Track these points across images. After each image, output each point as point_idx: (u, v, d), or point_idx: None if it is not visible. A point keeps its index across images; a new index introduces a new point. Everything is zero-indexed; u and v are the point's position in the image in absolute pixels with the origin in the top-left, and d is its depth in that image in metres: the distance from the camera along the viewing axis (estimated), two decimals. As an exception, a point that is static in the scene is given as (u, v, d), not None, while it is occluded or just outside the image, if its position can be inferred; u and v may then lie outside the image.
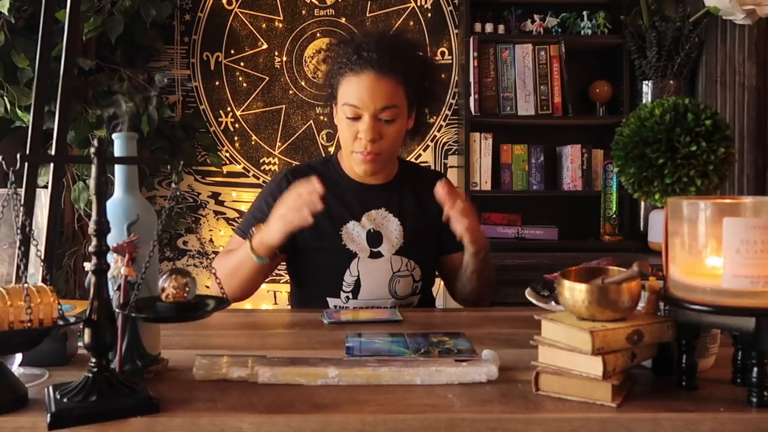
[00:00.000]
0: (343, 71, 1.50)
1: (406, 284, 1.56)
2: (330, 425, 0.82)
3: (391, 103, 1.48)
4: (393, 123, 1.50)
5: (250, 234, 1.45)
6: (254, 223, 1.56)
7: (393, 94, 1.48)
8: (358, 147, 1.50)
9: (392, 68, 1.47)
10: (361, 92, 1.47)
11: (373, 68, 1.46)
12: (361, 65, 1.47)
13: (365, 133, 1.47)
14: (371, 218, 1.58)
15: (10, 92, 2.38)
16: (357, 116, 1.48)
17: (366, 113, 1.47)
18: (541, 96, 2.89)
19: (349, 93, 1.48)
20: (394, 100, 1.48)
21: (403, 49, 1.52)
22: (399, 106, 1.50)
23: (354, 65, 1.48)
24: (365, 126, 1.47)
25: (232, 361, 1.00)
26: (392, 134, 1.51)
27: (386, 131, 1.49)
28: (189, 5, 2.99)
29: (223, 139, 3.02)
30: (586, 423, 0.82)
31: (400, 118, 1.51)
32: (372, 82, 1.47)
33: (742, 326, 0.83)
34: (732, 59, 2.65)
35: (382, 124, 1.49)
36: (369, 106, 1.47)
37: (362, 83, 1.47)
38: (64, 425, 0.79)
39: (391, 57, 1.47)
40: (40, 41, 1.51)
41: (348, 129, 1.50)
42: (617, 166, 1.18)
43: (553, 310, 1.21)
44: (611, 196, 2.88)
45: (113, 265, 0.91)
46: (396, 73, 1.47)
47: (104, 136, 2.27)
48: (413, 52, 1.57)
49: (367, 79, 1.47)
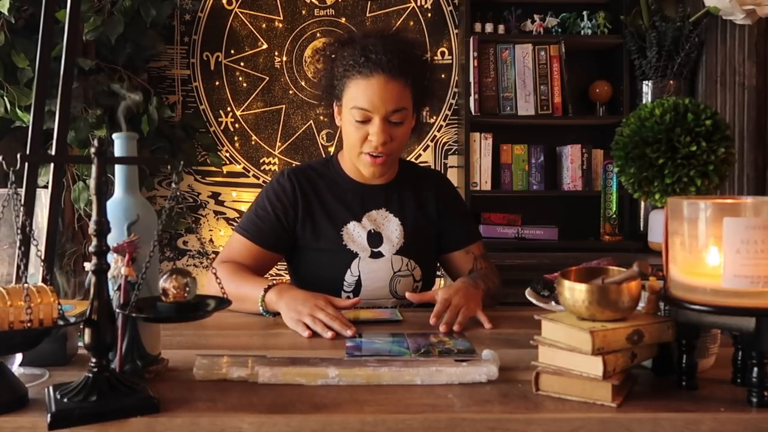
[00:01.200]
0: (350, 74, 1.48)
1: (406, 284, 1.56)
2: (330, 425, 0.82)
3: (401, 106, 1.47)
4: (402, 125, 1.49)
5: (266, 287, 1.38)
6: (256, 222, 1.56)
7: (402, 96, 1.47)
8: (367, 149, 1.49)
9: (401, 70, 1.46)
10: (371, 95, 1.45)
11: (383, 71, 1.44)
12: (371, 68, 1.45)
13: (376, 136, 1.46)
14: (371, 218, 1.58)
15: (10, 92, 2.38)
16: (367, 119, 1.47)
17: (377, 116, 1.46)
18: (541, 96, 2.89)
19: (359, 96, 1.46)
20: (403, 102, 1.47)
21: (409, 50, 1.52)
22: (407, 108, 1.49)
23: (362, 68, 1.45)
24: (376, 129, 1.46)
25: (232, 361, 1.00)
26: (401, 136, 1.51)
27: (396, 133, 1.49)
28: (189, 5, 2.99)
29: (223, 139, 3.02)
30: (586, 423, 0.82)
31: (408, 119, 1.51)
32: (382, 85, 1.45)
33: (742, 326, 0.83)
34: (732, 59, 2.65)
35: (391, 126, 1.48)
36: (380, 109, 1.45)
37: (372, 86, 1.45)
38: (65, 425, 0.79)
39: (399, 59, 1.46)
40: (40, 41, 1.51)
41: (356, 132, 1.49)
42: (617, 166, 1.18)
43: (553, 310, 1.21)
44: (611, 196, 2.88)
45: (113, 265, 0.91)
46: (405, 75, 1.46)
47: (104, 136, 2.27)
48: (418, 52, 1.56)
49: (377, 82, 1.45)
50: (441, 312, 1.30)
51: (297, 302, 1.31)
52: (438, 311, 1.30)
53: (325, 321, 1.24)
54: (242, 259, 1.54)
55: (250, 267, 1.53)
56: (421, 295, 1.41)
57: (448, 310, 1.30)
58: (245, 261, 1.54)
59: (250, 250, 1.55)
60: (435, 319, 1.28)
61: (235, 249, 1.56)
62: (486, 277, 1.54)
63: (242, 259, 1.54)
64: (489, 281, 1.53)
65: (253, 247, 1.55)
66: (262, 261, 1.56)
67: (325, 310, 1.27)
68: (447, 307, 1.31)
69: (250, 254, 1.54)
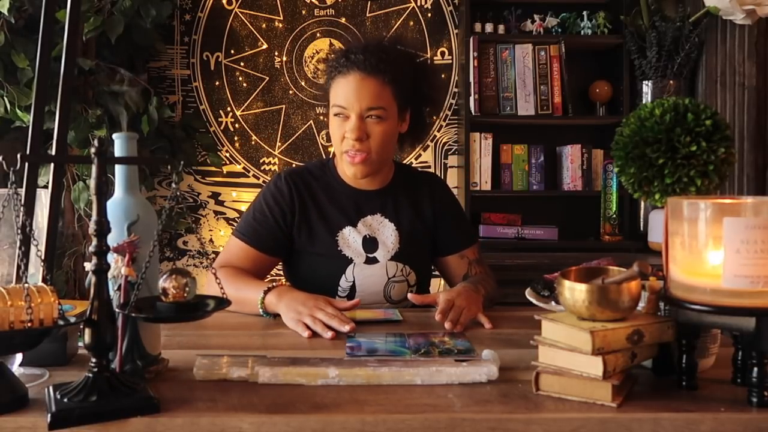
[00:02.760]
0: (333, 74, 1.53)
1: (400, 289, 1.56)
2: (330, 425, 0.82)
3: (377, 104, 1.48)
4: (380, 123, 1.50)
5: (266, 290, 1.38)
6: (253, 226, 1.56)
7: (379, 95, 1.49)
8: (345, 146, 1.51)
9: (377, 69, 1.48)
10: (347, 92, 1.49)
11: (358, 69, 1.48)
12: (348, 66, 1.49)
13: (351, 132, 1.48)
14: (367, 224, 1.58)
15: (10, 92, 2.38)
16: (345, 116, 1.50)
17: (352, 113, 1.48)
18: (541, 96, 2.88)
19: (338, 94, 1.50)
20: (380, 102, 1.49)
21: (390, 51, 1.54)
22: (386, 108, 1.50)
23: (342, 67, 1.50)
24: (351, 125, 1.48)
25: (232, 361, 1.00)
26: (379, 135, 1.50)
27: (373, 131, 1.49)
28: (189, 5, 2.99)
29: (223, 139, 3.02)
30: (587, 423, 0.82)
31: (389, 119, 1.51)
32: (357, 83, 1.48)
33: (742, 326, 0.83)
34: (732, 59, 2.66)
35: (368, 123, 1.49)
36: (354, 105, 1.48)
37: (348, 84, 1.49)
38: (65, 425, 0.79)
39: (377, 58, 1.48)
40: (40, 41, 1.51)
41: (337, 130, 1.52)
42: (617, 166, 1.18)
43: (553, 310, 1.21)
44: (611, 196, 2.88)
45: (113, 265, 0.91)
46: (382, 74, 1.48)
47: (104, 136, 2.27)
48: (402, 53, 1.57)
49: (353, 80, 1.48)
50: (445, 311, 1.31)
51: (297, 303, 1.31)
52: (443, 309, 1.31)
53: (324, 320, 1.25)
54: (240, 263, 1.54)
55: (249, 271, 1.53)
56: (423, 297, 1.42)
57: (451, 309, 1.31)
58: (243, 265, 1.54)
59: (247, 254, 1.55)
60: (441, 315, 1.30)
61: (233, 253, 1.56)
62: (484, 281, 1.57)
63: (240, 263, 1.54)
64: (487, 285, 1.56)
65: (250, 251, 1.55)
66: (261, 265, 1.57)
67: (324, 310, 1.28)
68: (450, 307, 1.32)
69: (247, 258, 1.55)
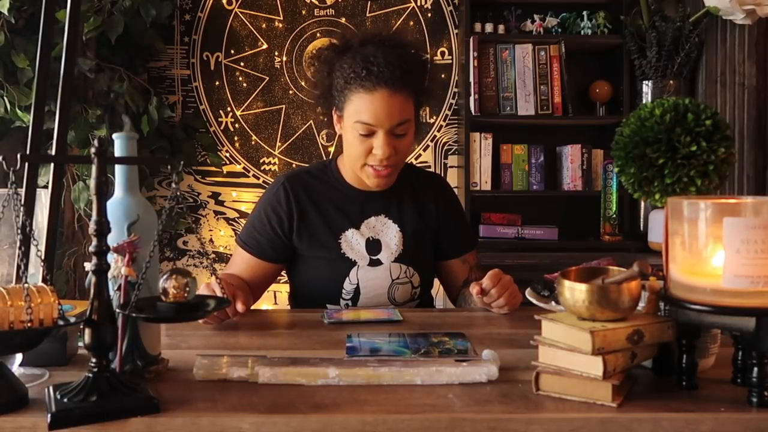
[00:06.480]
0: (351, 86, 1.44)
1: (404, 291, 1.56)
2: (330, 425, 0.82)
3: (404, 118, 1.45)
4: (406, 136, 1.47)
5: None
6: (254, 235, 1.57)
7: (405, 108, 1.45)
8: (372, 161, 1.47)
9: (405, 82, 1.43)
10: (375, 110, 1.42)
11: (386, 85, 1.41)
12: (374, 82, 1.41)
13: (381, 149, 1.44)
14: (370, 226, 1.57)
15: (10, 92, 2.38)
16: (370, 133, 1.44)
17: (381, 130, 1.43)
18: (541, 96, 2.89)
19: (362, 110, 1.43)
20: (406, 115, 1.45)
21: (410, 58, 1.49)
22: (411, 119, 1.47)
23: (365, 81, 1.42)
24: (380, 142, 1.43)
25: (232, 361, 0.99)
26: (405, 147, 1.49)
27: (400, 145, 1.47)
28: (189, 5, 2.99)
29: (223, 139, 3.02)
30: (587, 423, 0.82)
31: (411, 129, 1.49)
32: (386, 100, 1.41)
33: (743, 326, 0.83)
34: (732, 59, 2.66)
35: (395, 138, 1.45)
36: (384, 123, 1.43)
37: (376, 101, 1.41)
38: (65, 425, 0.79)
39: (402, 70, 1.42)
40: (40, 41, 1.51)
41: (360, 145, 1.46)
42: (617, 166, 1.18)
43: (553, 310, 1.21)
44: (611, 196, 2.88)
45: (113, 265, 0.91)
46: (408, 87, 1.44)
47: (104, 136, 2.27)
48: (417, 59, 1.53)
49: (381, 97, 1.41)
50: (490, 286, 1.34)
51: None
52: (487, 286, 1.34)
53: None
54: (243, 272, 1.55)
55: (253, 279, 1.54)
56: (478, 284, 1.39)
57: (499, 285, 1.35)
58: (247, 273, 1.55)
59: (249, 263, 1.55)
60: (478, 287, 1.33)
61: (237, 263, 1.58)
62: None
63: (244, 272, 1.55)
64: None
65: (252, 260, 1.55)
66: (264, 273, 1.57)
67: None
68: (497, 283, 1.35)
69: (250, 267, 1.55)
